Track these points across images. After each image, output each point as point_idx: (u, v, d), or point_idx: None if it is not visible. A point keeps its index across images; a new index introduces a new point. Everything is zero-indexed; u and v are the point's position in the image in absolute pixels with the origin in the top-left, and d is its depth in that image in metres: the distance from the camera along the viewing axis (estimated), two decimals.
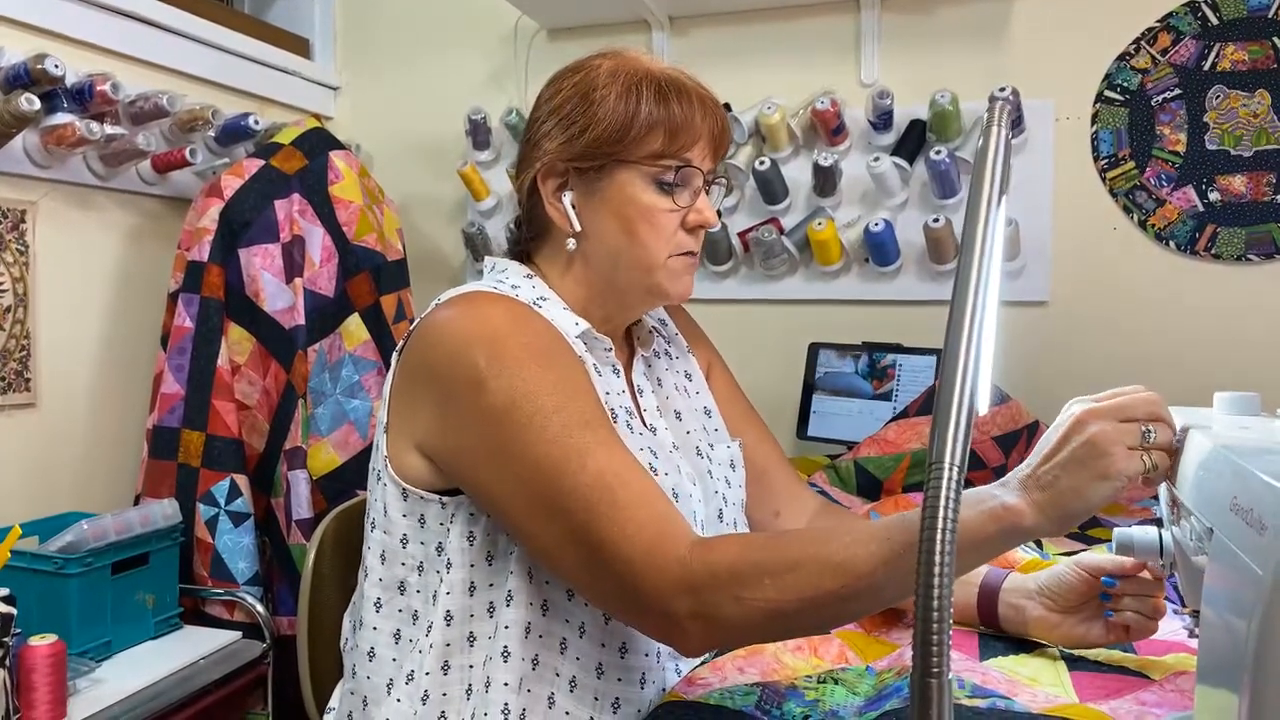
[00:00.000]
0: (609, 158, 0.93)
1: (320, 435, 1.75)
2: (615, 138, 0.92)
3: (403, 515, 0.93)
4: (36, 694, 1.18)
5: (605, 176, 0.94)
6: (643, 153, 0.93)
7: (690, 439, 1.03)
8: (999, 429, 1.53)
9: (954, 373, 0.50)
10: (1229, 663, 0.51)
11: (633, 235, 0.95)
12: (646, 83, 0.93)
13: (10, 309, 1.56)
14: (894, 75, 1.92)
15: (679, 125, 0.93)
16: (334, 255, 1.81)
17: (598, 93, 0.93)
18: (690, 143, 0.94)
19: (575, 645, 0.90)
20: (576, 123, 0.94)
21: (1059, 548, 1.27)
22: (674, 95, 0.93)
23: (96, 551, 1.38)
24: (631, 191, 0.94)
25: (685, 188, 0.95)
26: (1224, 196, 1.74)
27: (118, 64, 1.73)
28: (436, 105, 2.24)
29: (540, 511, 0.81)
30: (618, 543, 0.77)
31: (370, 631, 0.95)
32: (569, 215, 0.96)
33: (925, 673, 0.43)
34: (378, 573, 0.95)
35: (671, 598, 0.75)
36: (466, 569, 0.90)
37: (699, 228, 0.97)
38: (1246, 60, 1.72)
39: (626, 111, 0.92)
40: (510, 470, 0.83)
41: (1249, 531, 0.50)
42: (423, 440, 0.90)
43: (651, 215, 0.94)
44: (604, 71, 0.95)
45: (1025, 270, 1.84)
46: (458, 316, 0.89)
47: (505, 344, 0.85)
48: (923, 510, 0.45)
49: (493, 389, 0.83)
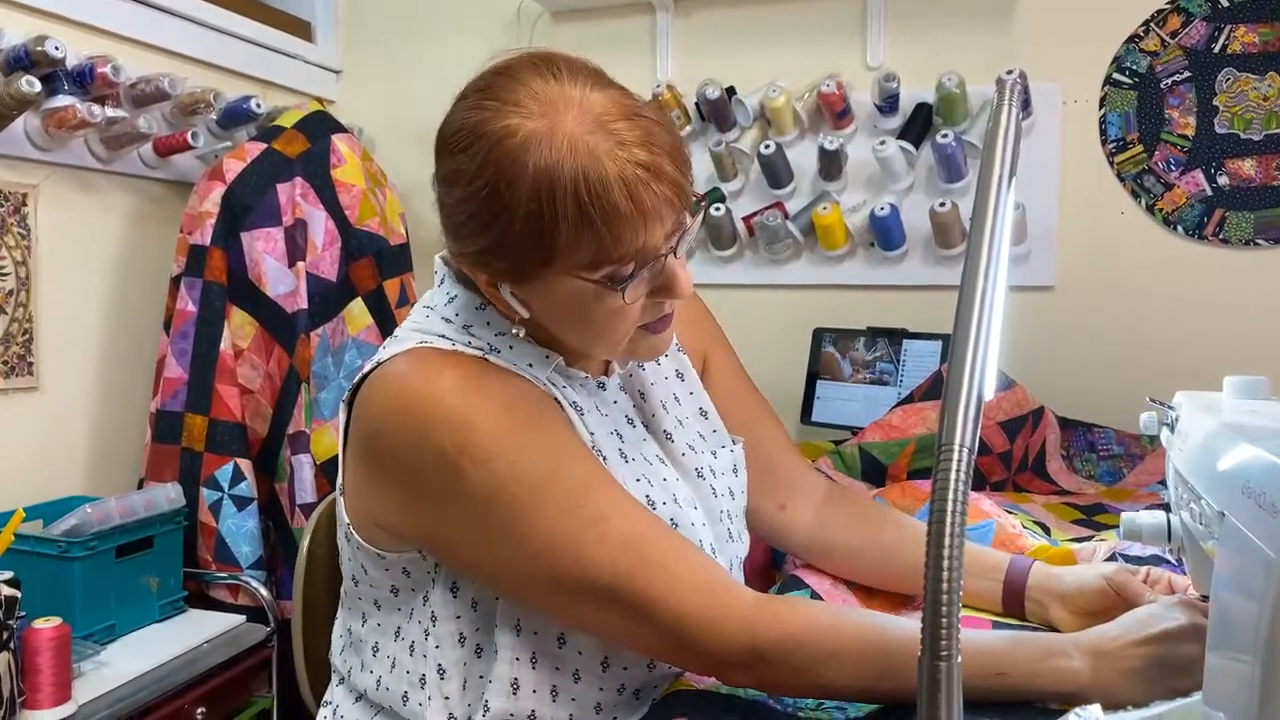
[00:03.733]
0: (539, 270, 0.78)
1: (324, 419, 1.74)
2: (539, 260, 0.76)
3: (385, 570, 0.87)
4: (41, 676, 1.18)
5: (541, 280, 0.79)
6: (575, 265, 0.76)
7: (686, 461, 0.95)
8: (1004, 414, 1.52)
9: (964, 353, 0.49)
10: (1240, 647, 0.51)
11: (588, 331, 0.82)
12: (561, 192, 0.73)
13: (12, 292, 1.56)
14: (900, 58, 1.91)
15: (612, 239, 0.75)
16: (336, 239, 1.80)
17: (503, 202, 0.75)
18: (632, 242, 0.76)
19: (568, 689, 0.86)
20: (487, 235, 0.77)
21: (1066, 534, 1.26)
22: (598, 203, 0.73)
23: (101, 535, 1.38)
24: (576, 296, 0.79)
25: (642, 266, 0.78)
26: (1233, 180, 1.73)
27: (118, 46, 1.72)
28: (439, 89, 2.18)
29: (564, 592, 0.78)
30: (667, 601, 0.76)
31: (368, 676, 0.92)
32: (513, 305, 0.82)
33: (934, 656, 0.42)
34: (375, 619, 0.91)
35: (731, 654, 0.77)
36: (453, 621, 0.86)
37: (667, 299, 0.83)
38: (1257, 42, 1.71)
39: (543, 234, 0.74)
40: (518, 559, 0.78)
41: (1261, 515, 0.50)
42: (390, 523, 0.84)
43: (606, 315, 0.80)
44: (509, 164, 0.75)
45: (1031, 255, 1.83)
46: (406, 387, 0.80)
47: (469, 423, 0.77)
48: (932, 492, 0.45)
49: (471, 476, 0.76)
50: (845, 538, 1.07)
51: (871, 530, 1.06)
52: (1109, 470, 1.61)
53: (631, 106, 0.78)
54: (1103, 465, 1.62)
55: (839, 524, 1.07)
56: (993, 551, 1.03)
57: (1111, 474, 1.61)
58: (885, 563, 1.04)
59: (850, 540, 1.06)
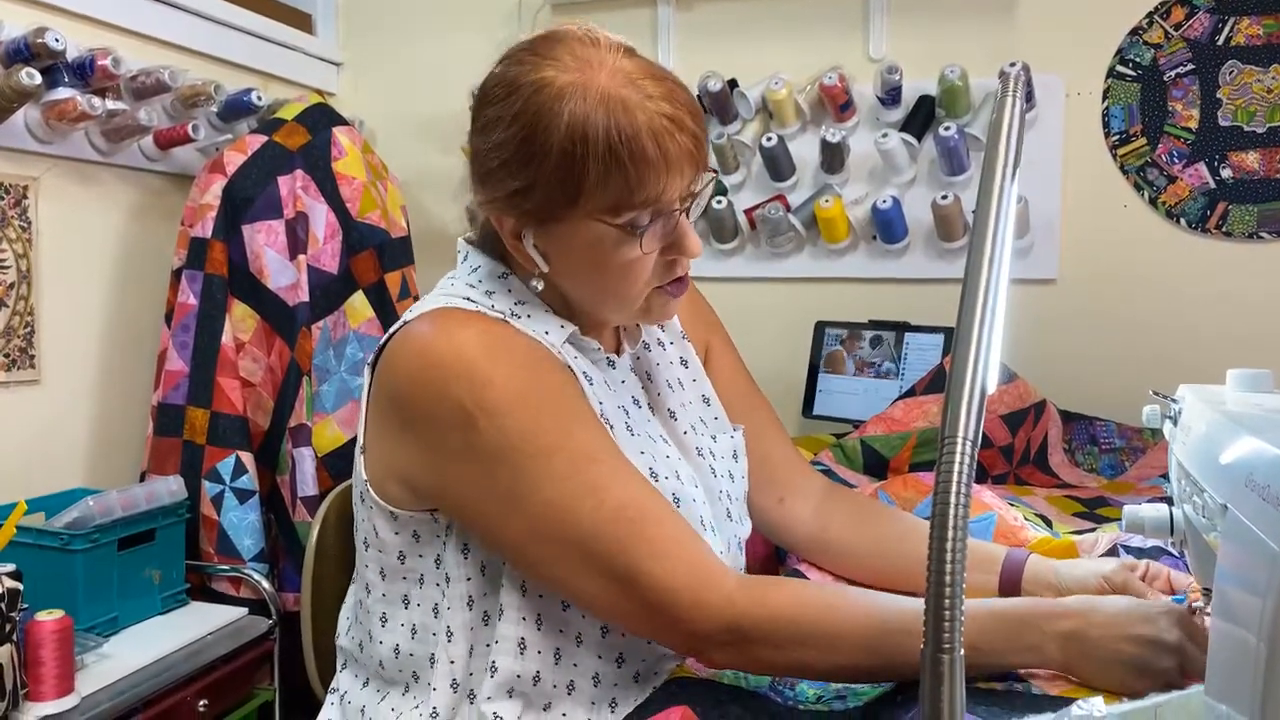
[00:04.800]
0: (563, 215, 0.83)
1: (325, 412, 1.74)
2: (566, 200, 0.82)
3: (394, 534, 0.89)
4: (44, 669, 1.18)
5: (564, 224, 0.84)
6: (599, 208, 0.82)
7: (688, 440, 0.98)
8: (1006, 407, 1.52)
9: (967, 346, 0.49)
10: (1243, 640, 0.51)
11: (604, 281, 0.86)
12: (594, 134, 0.79)
13: (14, 285, 1.56)
14: (903, 50, 1.90)
15: (636, 180, 0.80)
16: (338, 232, 1.80)
17: (538, 143, 0.80)
18: (654, 188, 0.82)
19: (571, 654, 0.87)
20: (520, 176, 0.82)
21: (1069, 526, 1.26)
22: (627, 145, 0.79)
23: (103, 528, 1.38)
24: (595, 242, 0.84)
25: (658, 220, 0.84)
26: (1236, 173, 1.72)
27: (119, 38, 1.71)
28: (440, 80, 2.22)
29: (559, 553, 0.80)
30: (655, 574, 0.78)
31: (378, 646, 0.93)
32: (533, 258, 0.87)
33: (937, 648, 0.42)
34: (380, 589, 0.92)
35: (715, 633, 0.78)
36: (464, 583, 0.87)
37: (681, 258, 0.88)
38: (1261, 35, 1.70)
39: (573, 173, 0.80)
40: (519, 515, 0.80)
41: (1265, 508, 0.50)
42: (406, 474, 0.86)
43: (621, 264, 0.84)
44: (545, 110, 0.80)
45: (1034, 248, 1.83)
46: (430, 342, 0.84)
47: (488, 379, 0.80)
48: (935, 484, 0.45)
49: (484, 430, 0.79)
50: (844, 535, 1.07)
51: (871, 528, 1.06)
52: (1111, 463, 1.61)
53: (658, 71, 0.85)
54: (1104, 458, 1.62)
55: (838, 521, 1.07)
56: (989, 545, 1.03)
57: (1113, 467, 1.60)
58: (886, 561, 1.03)
59: (849, 538, 1.06)
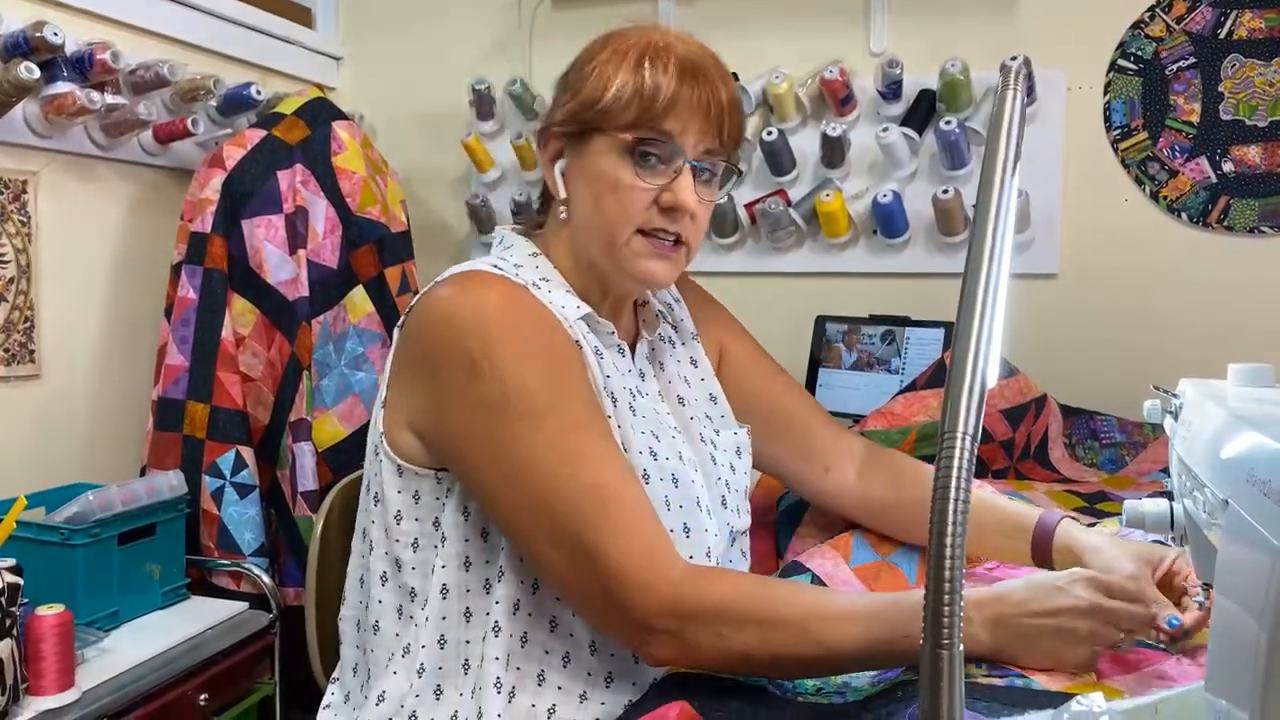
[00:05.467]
0: (588, 125, 0.91)
1: (325, 407, 1.74)
2: (591, 104, 0.90)
3: (397, 492, 0.92)
4: (44, 663, 1.18)
5: (586, 144, 0.92)
6: (617, 122, 0.89)
7: (693, 425, 1.02)
8: (1007, 402, 1.52)
9: (967, 340, 0.49)
10: (1243, 636, 0.50)
11: (598, 206, 0.91)
12: (634, 51, 0.90)
13: (13, 280, 1.56)
14: (904, 44, 1.90)
15: (656, 94, 0.88)
16: (337, 226, 1.80)
17: (592, 61, 0.92)
18: (665, 113, 0.88)
19: (567, 622, 0.89)
20: (569, 90, 0.93)
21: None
22: (653, 62, 0.88)
23: (103, 522, 1.38)
24: (603, 161, 0.90)
25: (664, 164, 0.90)
26: (1238, 167, 1.72)
27: (117, 32, 1.71)
28: (440, 75, 2.21)
29: (528, 514, 0.82)
30: (609, 553, 0.79)
31: (376, 605, 0.95)
32: (557, 182, 0.94)
33: (936, 644, 0.42)
34: (383, 546, 0.95)
35: (656, 616, 0.78)
36: (461, 543, 0.90)
37: (672, 209, 0.90)
38: (1263, 28, 1.69)
39: (605, 78, 0.89)
40: (501, 465, 0.83)
41: (1266, 503, 0.49)
42: (414, 420, 0.90)
43: (618, 188, 0.89)
44: (612, 39, 0.93)
45: (1035, 242, 1.82)
46: (453, 297, 0.88)
47: (499, 333, 0.84)
48: (935, 480, 0.45)
49: (487, 378, 0.83)
50: (887, 496, 1.11)
51: (911, 487, 1.10)
52: (1111, 458, 1.61)
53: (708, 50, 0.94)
54: (1105, 453, 1.62)
55: (880, 482, 1.12)
56: (1021, 509, 1.05)
57: (1113, 462, 1.60)
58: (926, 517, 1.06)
59: (892, 497, 1.11)
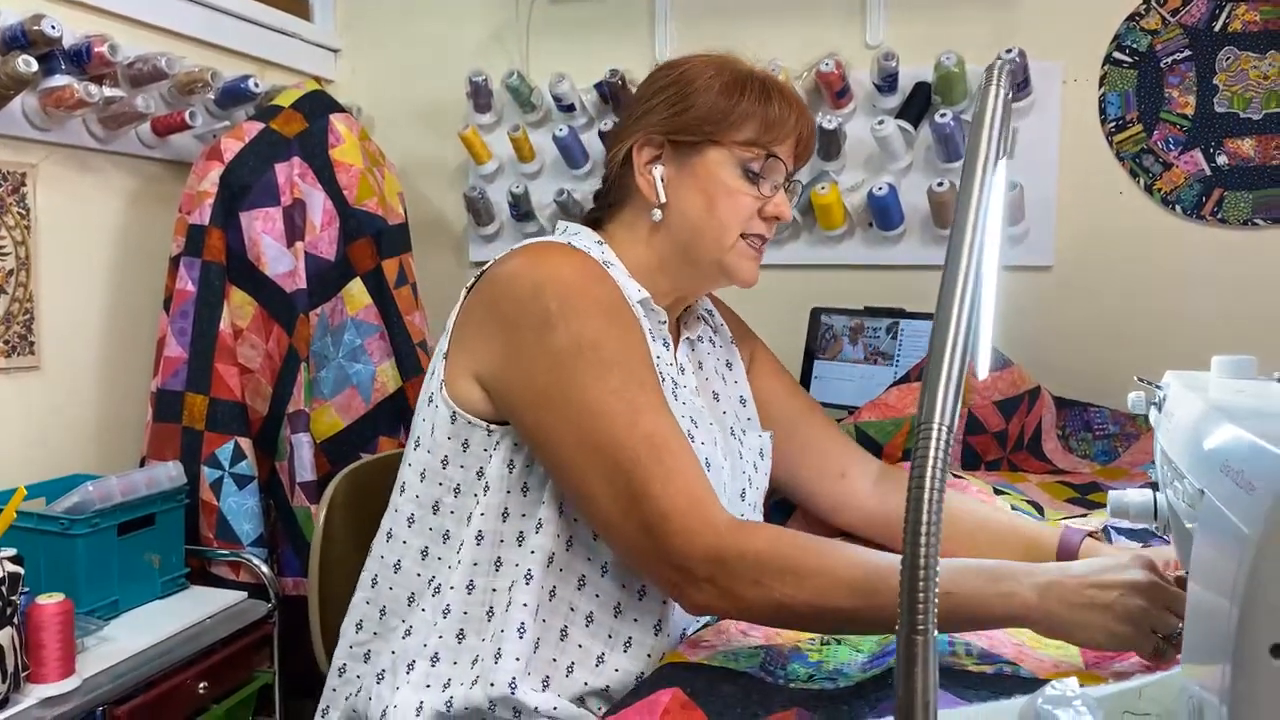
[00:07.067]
0: (706, 136, 1.01)
1: (323, 399, 1.75)
2: (715, 119, 1.00)
3: (448, 438, 0.98)
4: (45, 651, 1.20)
5: (698, 154, 1.01)
6: (737, 138, 1.00)
7: (725, 419, 1.09)
8: (1000, 394, 1.53)
9: (945, 333, 0.50)
10: (1215, 622, 0.51)
11: (713, 211, 1.01)
12: (751, 81, 1.02)
13: (13, 272, 1.56)
14: (900, 37, 1.90)
15: (774, 120, 1.01)
16: (335, 219, 1.81)
17: (703, 80, 1.02)
18: (781, 138, 1.02)
19: (595, 583, 0.94)
20: (681, 102, 1.02)
21: (1061, 512, 1.27)
22: (775, 95, 1.02)
23: (103, 513, 1.40)
24: (720, 171, 1.01)
25: (768, 179, 1.02)
26: (1232, 160, 1.72)
27: (115, 25, 1.71)
28: (437, 68, 2.21)
29: (586, 453, 0.87)
30: (658, 497, 0.83)
31: (400, 545, 1.00)
32: (657, 186, 1.02)
33: (911, 629, 0.43)
34: (415, 489, 1.00)
35: (697, 561, 0.82)
36: (503, 494, 0.95)
37: (774, 219, 1.03)
38: (1258, 21, 1.70)
39: (729, 98, 1.00)
40: (566, 411, 0.88)
41: (1238, 492, 0.50)
42: (482, 371, 0.96)
43: (734, 196, 1.01)
44: (712, 64, 1.04)
45: (1029, 234, 1.83)
46: (533, 263, 0.95)
47: (577, 293, 0.92)
48: (911, 469, 0.46)
49: (561, 332, 0.90)
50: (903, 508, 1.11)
51: None
52: (1104, 449, 1.62)
53: None
54: (1098, 444, 1.63)
55: (897, 496, 1.14)
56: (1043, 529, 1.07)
57: (1107, 453, 1.61)
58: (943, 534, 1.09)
59: None
